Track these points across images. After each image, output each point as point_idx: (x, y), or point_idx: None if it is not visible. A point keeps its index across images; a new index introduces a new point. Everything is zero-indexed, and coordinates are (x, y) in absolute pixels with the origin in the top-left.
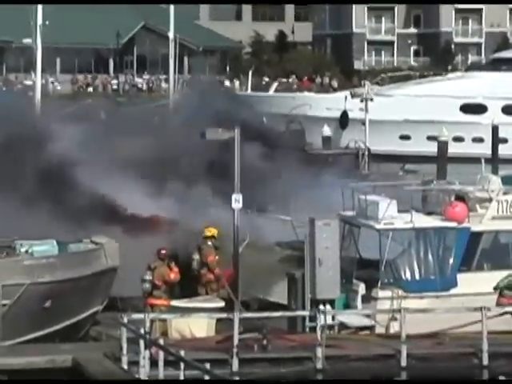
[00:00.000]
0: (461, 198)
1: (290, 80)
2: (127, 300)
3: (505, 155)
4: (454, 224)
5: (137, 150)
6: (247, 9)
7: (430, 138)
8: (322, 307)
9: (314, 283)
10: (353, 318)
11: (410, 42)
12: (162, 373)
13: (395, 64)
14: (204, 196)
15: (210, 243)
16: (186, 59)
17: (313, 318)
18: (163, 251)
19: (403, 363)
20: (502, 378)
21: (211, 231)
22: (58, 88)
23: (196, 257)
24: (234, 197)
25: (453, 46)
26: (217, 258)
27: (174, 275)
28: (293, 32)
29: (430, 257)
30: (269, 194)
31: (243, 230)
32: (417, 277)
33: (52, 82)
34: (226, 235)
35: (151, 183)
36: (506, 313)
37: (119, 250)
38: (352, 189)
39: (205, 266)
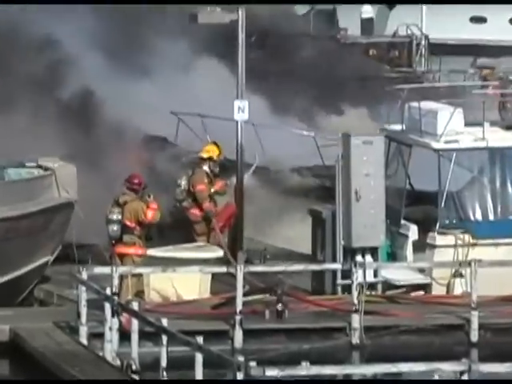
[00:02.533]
0: None
1: None
2: (87, 248)
3: None
4: None
5: None
6: None
7: None
8: (359, 259)
9: (349, 225)
10: (402, 274)
11: None
12: (135, 349)
13: None
14: None
15: (205, 168)
16: None
17: (347, 274)
18: (136, 180)
19: (473, 337)
20: None
21: (209, 151)
22: None
23: (182, 182)
24: (236, 104)
25: None
26: (213, 189)
27: (151, 213)
28: None
29: (509, 189)
30: (287, 98)
31: (250, 149)
32: (490, 216)
33: None
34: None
35: None
36: None
37: (77, 178)
38: (401, 93)
39: (190, 198)
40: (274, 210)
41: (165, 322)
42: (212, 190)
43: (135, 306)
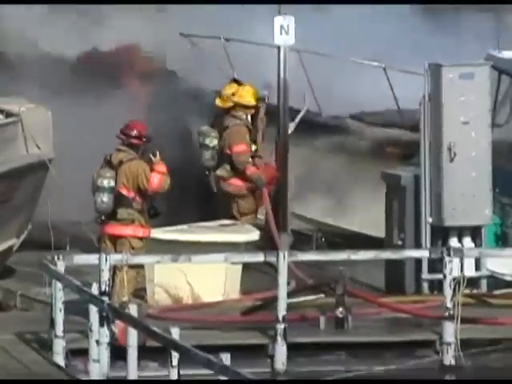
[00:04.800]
0: None
1: None
2: (67, 228)
3: None
4: None
5: None
6: None
7: None
8: (454, 243)
9: (440, 195)
10: None
11: None
12: (133, 372)
13: None
14: None
15: (241, 114)
16: None
17: (436, 265)
18: (135, 130)
19: None
20: None
21: (239, 90)
22: None
23: (213, 141)
24: (277, 21)
25: None
26: (254, 146)
27: (157, 178)
28: None
29: None
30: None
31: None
32: None
33: None
34: None
35: None
36: None
37: (54, 127)
38: None
39: (226, 163)
40: (331, 174)
41: (176, 332)
42: (254, 149)
43: (134, 310)
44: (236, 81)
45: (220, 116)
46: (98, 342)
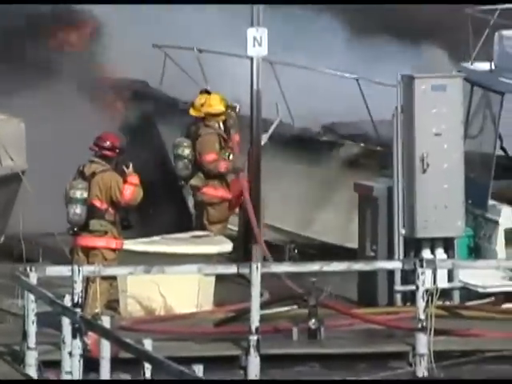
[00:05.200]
0: None
1: None
2: (40, 239)
3: None
4: None
5: None
6: None
7: None
8: (427, 254)
9: (413, 207)
10: (488, 277)
11: None
12: None
13: None
14: None
15: (213, 123)
16: None
17: (409, 277)
18: (108, 142)
19: None
20: None
21: (208, 100)
22: None
23: (185, 150)
24: (251, 33)
25: None
26: (229, 153)
27: (130, 190)
28: None
29: None
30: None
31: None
32: None
33: None
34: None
35: None
36: None
37: (27, 139)
38: (490, 17)
39: (199, 171)
40: (304, 186)
41: (149, 344)
42: (227, 156)
43: (106, 321)
44: (207, 91)
45: (194, 125)
46: (70, 353)
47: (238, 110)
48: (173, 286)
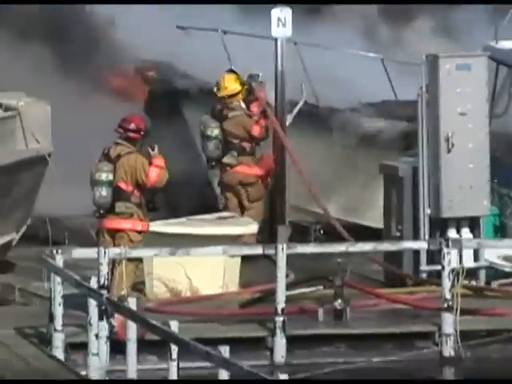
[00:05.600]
0: None
1: None
2: (65, 222)
3: None
4: None
5: None
6: None
7: None
8: (453, 234)
9: (438, 186)
10: None
11: None
12: (133, 366)
13: None
14: None
15: (236, 104)
16: None
17: (435, 257)
18: (132, 124)
19: None
20: None
21: (221, 83)
22: None
23: (214, 131)
24: (275, 14)
25: None
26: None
27: (155, 172)
28: None
29: None
30: None
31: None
32: None
33: None
34: None
35: None
36: None
37: (52, 121)
38: None
39: (231, 150)
40: (330, 166)
41: (175, 325)
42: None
43: (132, 303)
44: (232, 71)
45: (218, 105)
46: (97, 335)
47: (259, 77)
48: (198, 267)
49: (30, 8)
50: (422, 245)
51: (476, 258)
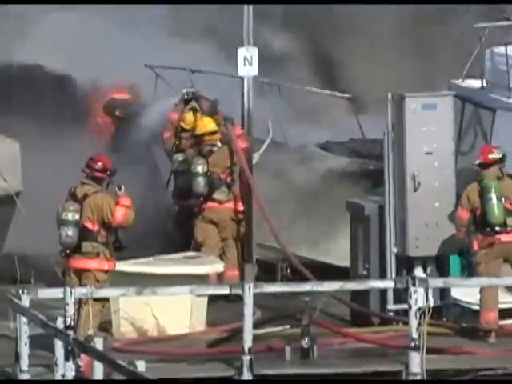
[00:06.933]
0: None
1: None
2: (32, 260)
3: None
4: None
5: None
6: None
7: None
8: (419, 273)
9: (404, 225)
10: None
11: None
12: None
13: None
14: None
15: (213, 140)
16: None
17: (401, 295)
18: (99, 163)
19: None
20: None
21: (199, 121)
22: None
23: (204, 169)
24: (241, 53)
25: None
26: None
27: (122, 212)
28: None
29: None
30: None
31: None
32: None
33: None
34: None
35: None
36: None
37: (22, 161)
38: (481, 34)
39: (222, 186)
40: (295, 204)
41: (141, 365)
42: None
43: (99, 343)
44: (195, 109)
45: (188, 140)
46: (63, 376)
47: (233, 121)
48: (165, 307)
49: None
50: (388, 284)
51: (443, 296)
